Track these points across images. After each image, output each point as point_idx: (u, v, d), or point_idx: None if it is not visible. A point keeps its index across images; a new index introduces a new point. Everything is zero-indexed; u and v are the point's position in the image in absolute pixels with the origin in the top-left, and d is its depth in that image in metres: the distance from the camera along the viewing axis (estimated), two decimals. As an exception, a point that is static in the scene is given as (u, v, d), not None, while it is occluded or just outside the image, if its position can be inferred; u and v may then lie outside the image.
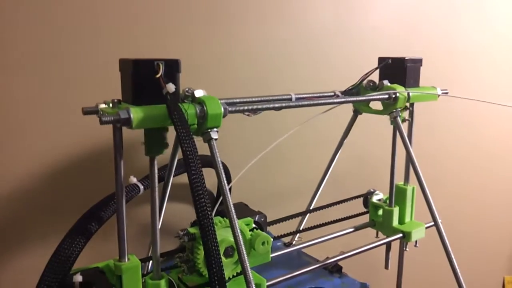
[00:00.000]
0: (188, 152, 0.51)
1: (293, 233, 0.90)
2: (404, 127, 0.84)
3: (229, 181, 0.63)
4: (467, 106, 1.49)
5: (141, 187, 0.70)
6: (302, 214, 0.94)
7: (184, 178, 0.84)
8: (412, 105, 0.89)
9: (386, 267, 0.96)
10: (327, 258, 0.79)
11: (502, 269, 1.93)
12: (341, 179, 1.15)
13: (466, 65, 1.53)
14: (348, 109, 0.94)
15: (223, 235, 0.64)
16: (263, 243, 0.67)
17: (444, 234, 0.81)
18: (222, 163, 0.82)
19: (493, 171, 1.73)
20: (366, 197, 0.96)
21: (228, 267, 0.65)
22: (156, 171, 0.59)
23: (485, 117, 1.63)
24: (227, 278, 0.65)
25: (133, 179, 0.68)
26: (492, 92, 1.63)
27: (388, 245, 0.95)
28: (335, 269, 0.85)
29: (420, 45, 1.36)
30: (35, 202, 0.80)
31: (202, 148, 0.53)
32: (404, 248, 0.94)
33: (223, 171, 0.58)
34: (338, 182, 1.09)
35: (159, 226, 0.65)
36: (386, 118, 0.85)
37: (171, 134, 0.58)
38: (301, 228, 0.94)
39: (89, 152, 0.84)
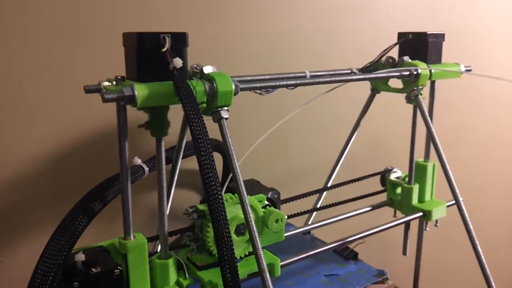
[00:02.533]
0: (197, 132, 0.48)
1: (309, 212, 0.86)
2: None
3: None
4: (489, 84, 1.43)
5: (146, 168, 0.67)
6: (318, 192, 0.90)
7: (189, 163, 0.82)
8: (433, 82, 0.84)
9: (404, 252, 0.93)
10: (344, 239, 0.76)
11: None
12: (357, 160, 1.11)
13: (488, 43, 1.47)
14: (365, 88, 0.89)
15: (234, 212, 0.61)
16: (276, 221, 0.64)
17: (466, 213, 0.77)
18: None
19: (509, 155, 1.67)
20: (384, 175, 0.93)
21: (240, 246, 0.62)
22: (163, 152, 0.56)
23: (506, 95, 1.57)
24: (238, 258, 0.63)
25: (138, 160, 0.65)
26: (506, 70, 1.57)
27: (407, 225, 0.92)
28: (350, 255, 0.82)
29: (439, 21, 1.30)
30: (38, 187, 0.77)
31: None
32: (424, 228, 0.91)
33: (233, 149, 0.55)
34: (354, 163, 1.05)
35: (168, 211, 0.62)
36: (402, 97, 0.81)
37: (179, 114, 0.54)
38: (317, 207, 0.91)
39: (94, 134, 0.81)
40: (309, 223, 0.92)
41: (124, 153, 0.53)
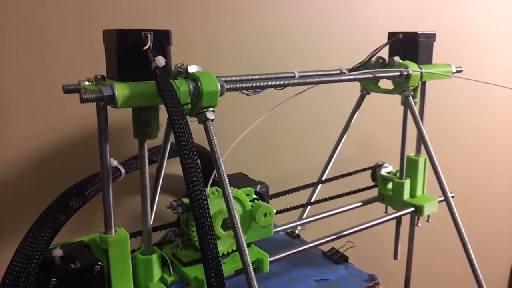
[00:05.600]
0: (180, 134, 0.46)
1: (298, 207, 0.84)
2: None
3: (211, 173, 0.58)
4: (474, 87, 1.43)
5: (123, 170, 0.64)
6: (308, 186, 0.88)
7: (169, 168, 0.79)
8: (424, 83, 0.83)
9: (395, 256, 0.91)
10: (334, 234, 0.75)
11: (510, 257, 1.89)
12: (347, 161, 1.09)
13: (476, 46, 1.47)
14: (356, 89, 0.88)
15: (220, 206, 0.59)
16: (265, 215, 0.62)
17: (455, 209, 0.76)
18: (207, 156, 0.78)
19: (502, 157, 1.67)
20: (375, 170, 0.91)
21: (227, 241, 0.60)
22: (146, 154, 0.54)
23: (493, 99, 1.57)
24: (225, 253, 0.61)
25: (113, 162, 0.63)
26: (498, 75, 1.57)
27: (398, 221, 0.90)
28: (340, 259, 0.80)
29: (428, 23, 1.29)
30: (18, 190, 0.74)
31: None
32: (416, 224, 0.89)
33: (219, 153, 0.53)
34: (344, 165, 1.03)
35: (153, 214, 0.60)
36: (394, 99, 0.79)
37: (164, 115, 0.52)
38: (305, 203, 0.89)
39: (75, 135, 0.78)
40: (298, 228, 0.90)
41: (105, 155, 0.51)
